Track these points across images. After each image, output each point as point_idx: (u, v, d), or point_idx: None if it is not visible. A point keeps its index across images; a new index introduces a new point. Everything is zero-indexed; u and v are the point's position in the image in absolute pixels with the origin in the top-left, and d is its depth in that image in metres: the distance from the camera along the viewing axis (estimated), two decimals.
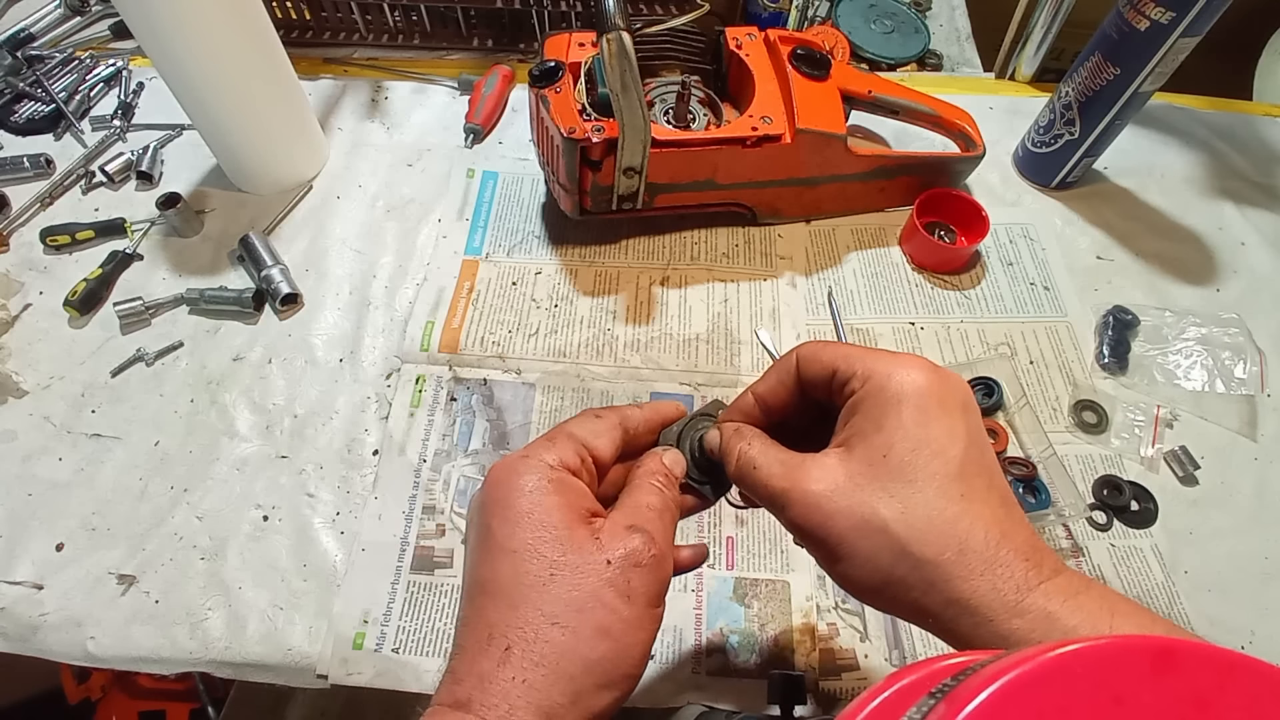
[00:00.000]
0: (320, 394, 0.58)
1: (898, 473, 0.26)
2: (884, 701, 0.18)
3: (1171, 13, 0.56)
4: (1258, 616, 0.50)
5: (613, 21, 0.46)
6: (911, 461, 0.26)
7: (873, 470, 0.26)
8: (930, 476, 0.25)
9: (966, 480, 0.25)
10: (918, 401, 0.26)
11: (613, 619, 0.27)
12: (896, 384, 0.26)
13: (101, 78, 0.78)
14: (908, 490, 0.25)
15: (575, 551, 0.28)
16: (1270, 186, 0.74)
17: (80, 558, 0.51)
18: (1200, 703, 0.15)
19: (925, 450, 0.26)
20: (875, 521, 0.25)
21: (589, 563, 0.28)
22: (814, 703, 0.46)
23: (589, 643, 0.27)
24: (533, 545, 0.28)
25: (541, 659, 0.26)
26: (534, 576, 0.27)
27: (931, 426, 0.26)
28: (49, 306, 0.62)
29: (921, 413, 0.26)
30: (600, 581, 0.27)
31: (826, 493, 0.26)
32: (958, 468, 0.25)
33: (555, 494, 0.29)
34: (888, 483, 0.26)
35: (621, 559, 0.28)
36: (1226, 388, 0.58)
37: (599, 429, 0.32)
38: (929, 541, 0.25)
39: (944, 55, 0.86)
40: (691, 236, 0.68)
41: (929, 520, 0.25)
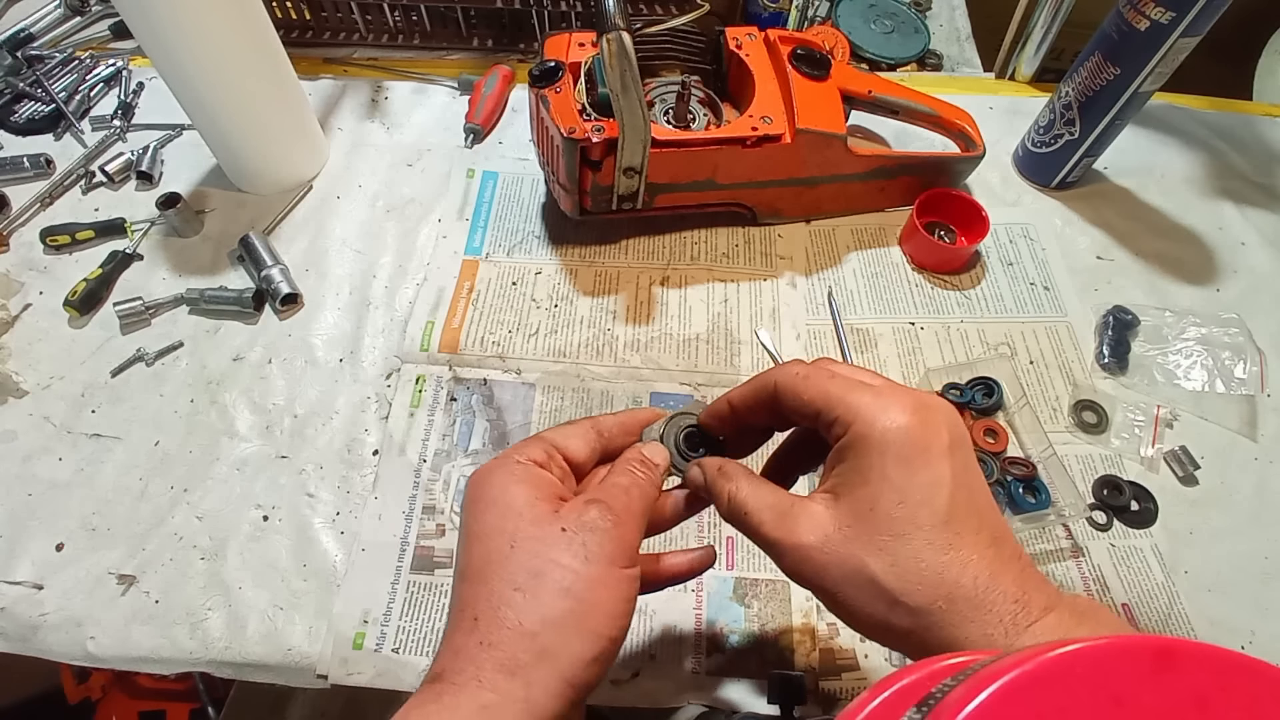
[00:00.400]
0: (320, 394, 0.58)
1: (884, 526, 0.26)
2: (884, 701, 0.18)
3: (1171, 13, 0.56)
4: (1258, 616, 0.50)
5: (613, 21, 0.46)
6: (898, 515, 0.26)
7: (860, 523, 0.27)
8: (917, 528, 0.26)
9: (954, 527, 0.26)
10: (900, 451, 0.26)
11: (572, 578, 0.28)
12: (879, 433, 0.27)
13: (101, 78, 0.78)
14: (895, 543, 0.26)
15: (534, 525, 0.29)
16: (1270, 186, 0.74)
17: (80, 558, 0.51)
18: (1200, 703, 0.15)
19: (911, 502, 0.26)
20: (865, 574, 0.26)
21: (547, 533, 0.29)
22: (814, 703, 0.46)
23: (550, 602, 0.27)
24: (497, 525, 0.29)
25: (503, 621, 0.27)
26: (498, 552, 0.29)
27: (916, 476, 0.26)
28: (49, 306, 0.62)
29: (905, 463, 0.26)
30: (557, 547, 0.28)
31: (818, 545, 0.27)
32: (944, 517, 0.26)
33: (519, 483, 0.30)
34: (875, 536, 0.26)
35: (576, 524, 0.29)
36: (1226, 388, 0.58)
37: (569, 431, 0.34)
38: (919, 592, 0.26)
39: (944, 55, 0.86)
40: (691, 236, 0.68)
41: (918, 572, 0.26)
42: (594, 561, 0.28)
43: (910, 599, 0.26)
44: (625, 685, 0.47)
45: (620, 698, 0.46)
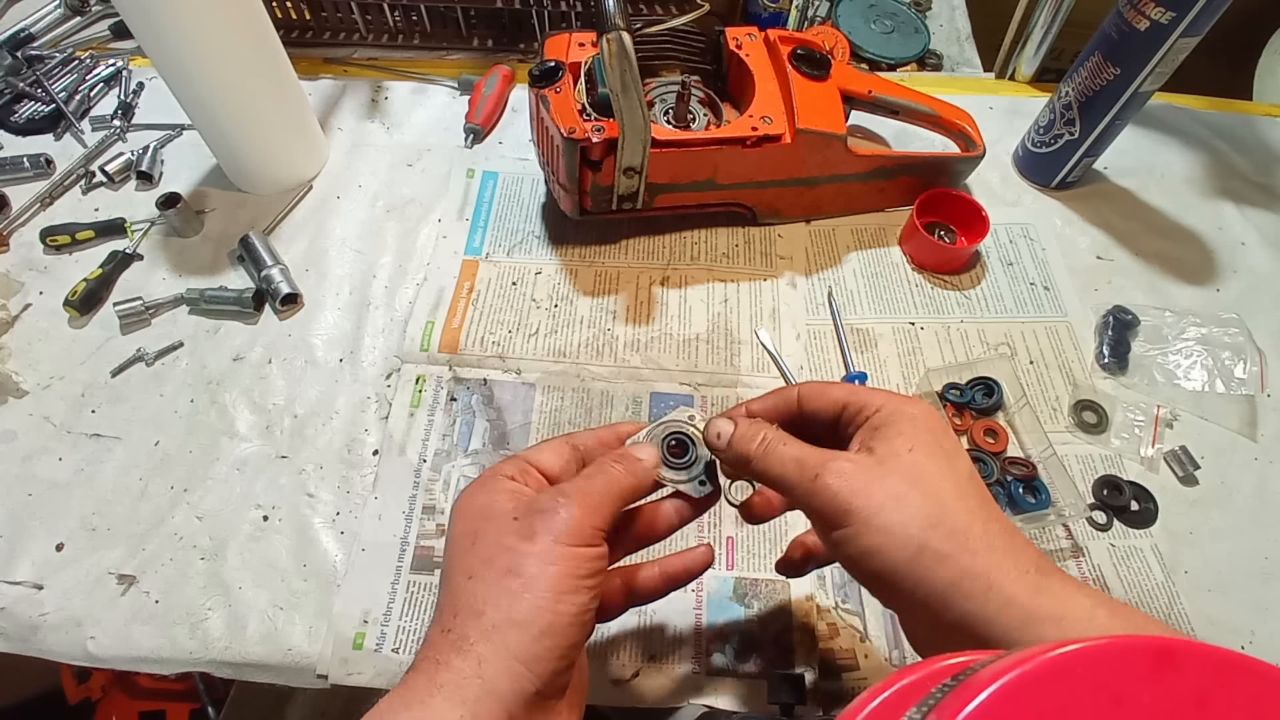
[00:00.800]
0: (320, 394, 0.58)
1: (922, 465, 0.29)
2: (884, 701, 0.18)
3: (1171, 13, 0.56)
4: (1258, 616, 0.50)
5: (613, 21, 0.47)
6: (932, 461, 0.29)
7: (900, 461, 0.29)
8: (947, 475, 0.29)
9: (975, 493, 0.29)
10: (930, 425, 0.30)
11: (517, 558, 0.29)
12: (911, 412, 0.31)
13: (101, 78, 0.78)
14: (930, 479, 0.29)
15: (491, 520, 0.31)
16: (1270, 186, 0.74)
17: (80, 558, 0.51)
18: (1200, 703, 0.15)
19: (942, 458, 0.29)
20: (909, 493, 0.28)
21: (500, 525, 0.30)
22: (814, 703, 0.46)
23: (495, 580, 0.29)
24: (464, 529, 0.31)
25: (457, 607, 0.29)
26: (460, 551, 0.30)
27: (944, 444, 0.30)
28: (49, 306, 0.62)
29: (934, 434, 0.30)
30: (507, 533, 0.30)
31: (861, 469, 0.29)
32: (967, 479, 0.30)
33: (487, 493, 0.32)
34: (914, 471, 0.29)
35: (525, 510, 0.31)
36: (1226, 388, 0.58)
37: (542, 447, 0.35)
38: (957, 515, 0.28)
39: (944, 55, 0.86)
40: (691, 236, 0.68)
41: (955, 500, 0.28)
42: (539, 540, 0.29)
43: (950, 520, 0.28)
44: (625, 685, 0.47)
45: (620, 698, 0.46)
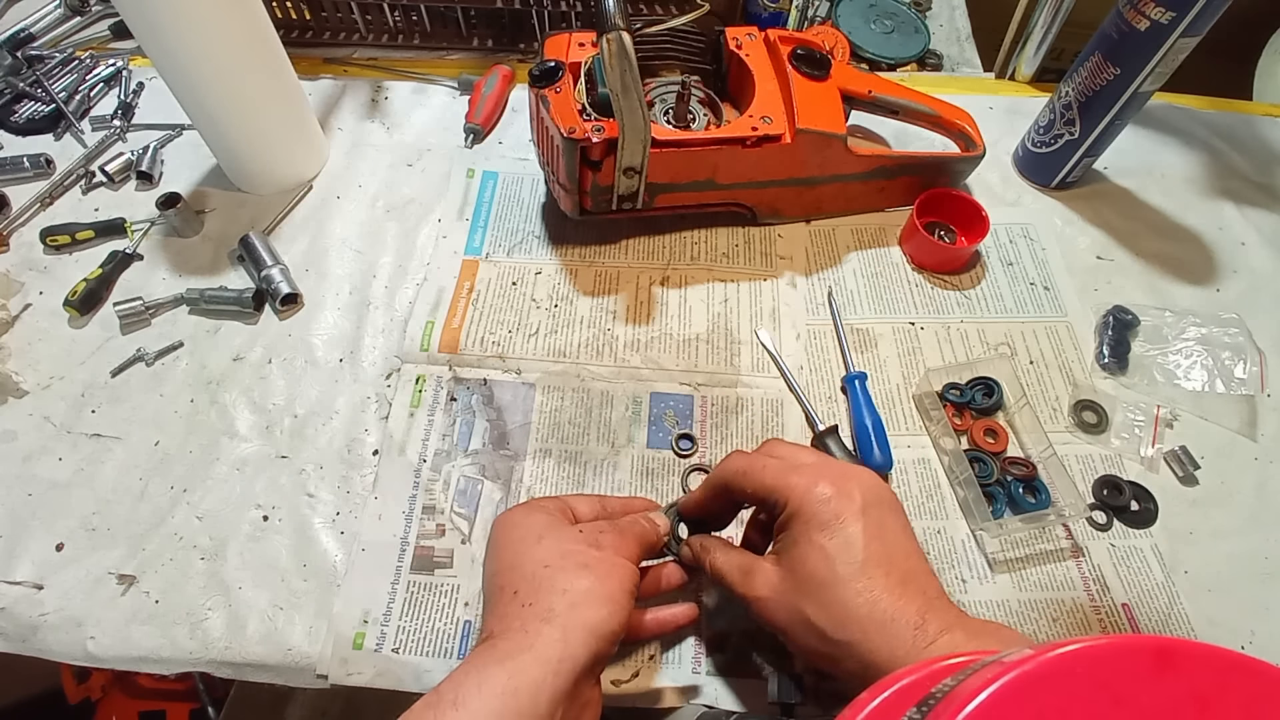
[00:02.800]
0: (320, 394, 0.58)
1: (814, 579, 0.35)
2: (884, 701, 0.18)
3: (1171, 13, 0.56)
4: (1258, 617, 0.50)
5: (613, 21, 0.46)
6: (822, 570, 0.35)
7: (796, 578, 0.36)
8: (837, 579, 0.34)
9: (867, 572, 0.34)
10: (821, 520, 0.35)
11: (589, 557, 0.37)
12: (806, 508, 0.36)
13: (101, 78, 0.78)
14: (822, 592, 0.35)
15: (556, 528, 0.39)
16: (1270, 186, 0.74)
17: (80, 558, 0.51)
18: (1200, 703, 0.15)
19: (833, 561, 0.35)
20: (802, 616, 0.35)
21: (567, 532, 0.39)
22: (814, 703, 0.46)
23: (574, 571, 0.36)
24: (523, 534, 0.39)
25: (537, 588, 0.36)
26: (528, 545, 0.38)
27: (835, 538, 0.35)
28: (49, 306, 0.62)
29: (825, 529, 0.35)
30: (575, 540, 0.38)
31: (770, 598, 0.37)
32: (859, 568, 0.34)
33: (540, 513, 0.40)
34: (808, 587, 0.35)
35: (589, 529, 0.39)
36: (1226, 388, 0.58)
37: (579, 497, 0.44)
38: (842, 628, 0.34)
39: (944, 55, 0.86)
40: (691, 236, 0.68)
41: (841, 612, 0.34)
42: (604, 549, 0.38)
43: (835, 634, 0.34)
44: (625, 685, 0.47)
45: (620, 698, 0.46)
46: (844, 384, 0.59)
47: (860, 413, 0.56)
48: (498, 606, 0.36)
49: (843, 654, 0.34)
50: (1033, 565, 0.52)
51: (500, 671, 0.33)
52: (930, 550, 0.52)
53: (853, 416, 0.57)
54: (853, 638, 0.33)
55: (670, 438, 0.56)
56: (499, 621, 0.35)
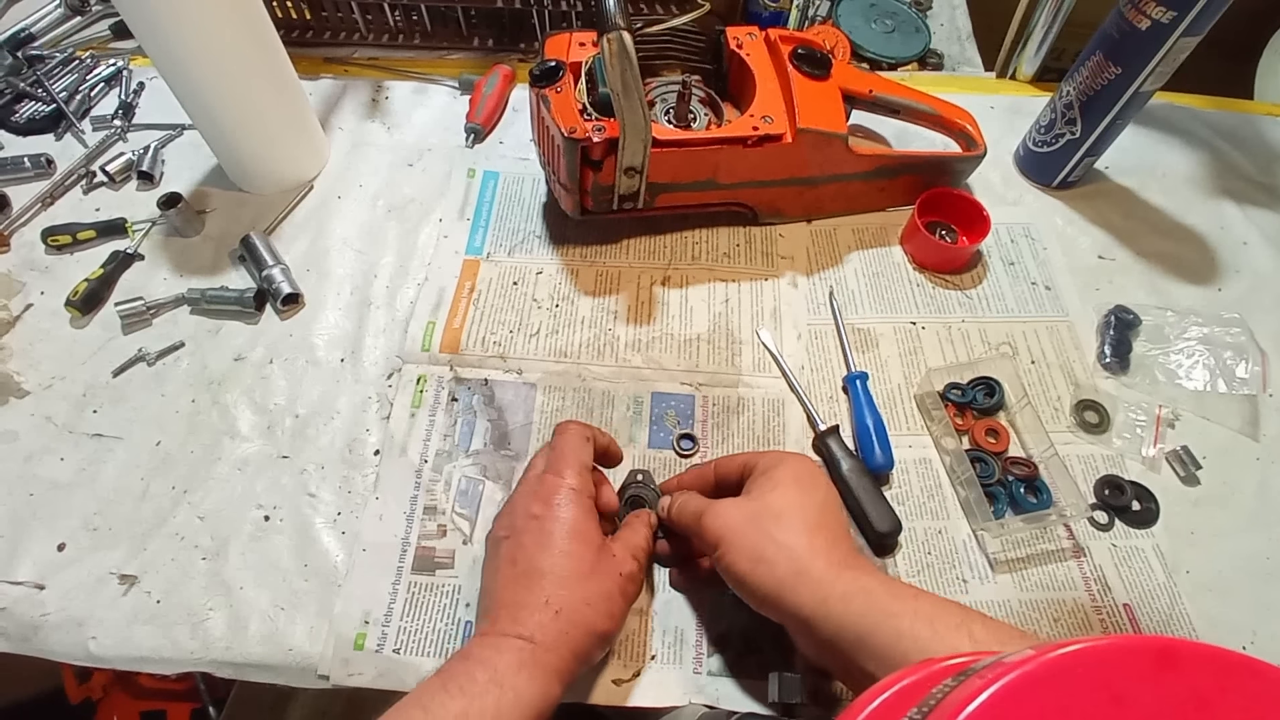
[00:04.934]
0: (321, 394, 0.58)
1: (773, 516, 0.42)
2: (884, 702, 0.18)
3: (1173, 12, 0.56)
4: (1259, 617, 0.50)
5: (613, 21, 0.46)
6: (784, 511, 0.42)
7: (758, 510, 0.43)
8: (792, 522, 0.42)
9: (812, 531, 0.41)
10: (793, 479, 0.44)
11: (618, 609, 0.43)
12: (782, 468, 0.44)
13: (102, 78, 0.78)
14: (774, 526, 0.42)
15: (604, 561, 0.43)
16: (1272, 186, 0.74)
17: (82, 558, 0.51)
18: (1200, 703, 0.15)
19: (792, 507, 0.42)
20: (749, 541, 0.41)
21: (610, 571, 0.43)
22: (814, 703, 0.46)
23: (603, 620, 0.42)
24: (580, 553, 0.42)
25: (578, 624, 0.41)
26: (579, 574, 0.42)
27: (797, 494, 0.43)
28: (50, 306, 0.62)
29: (798, 484, 0.43)
30: (615, 584, 0.43)
31: (732, 506, 0.44)
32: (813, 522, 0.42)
33: (590, 519, 0.44)
34: (766, 520, 0.42)
35: (627, 574, 0.44)
36: (1228, 387, 0.58)
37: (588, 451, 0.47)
38: (790, 535, 0.41)
39: (945, 55, 0.86)
40: (692, 236, 0.68)
41: (780, 547, 0.41)
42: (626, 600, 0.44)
43: (769, 563, 0.40)
44: (625, 685, 0.47)
45: (620, 698, 0.46)
46: (845, 384, 0.59)
47: (861, 413, 0.56)
48: (539, 615, 0.40)
49: (777, 554, 0.41)
50: (1034, 565, 0.51)
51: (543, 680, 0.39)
52: (931, 550, 0.52)
53: (854, 416, 0.57)
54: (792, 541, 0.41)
55: (672, 438, 0.56)
56: (540, 631, 0.40)
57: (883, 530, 0.51)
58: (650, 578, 0.50)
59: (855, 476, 0.53)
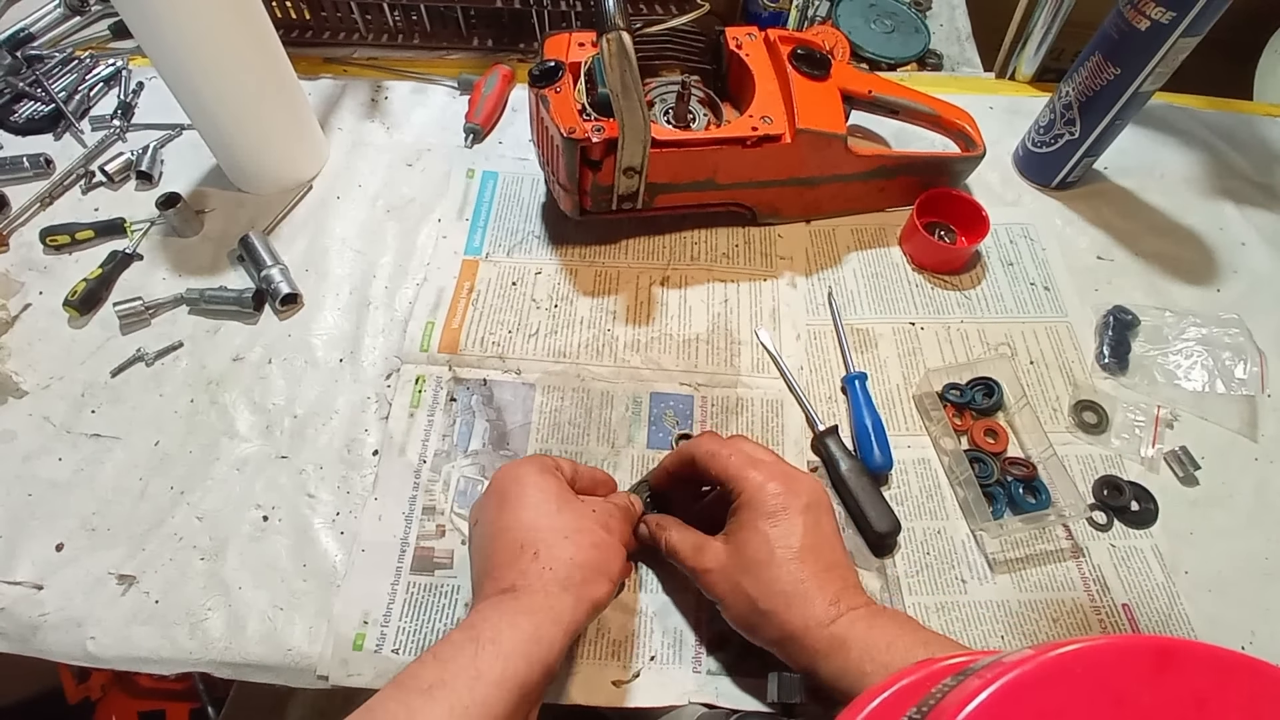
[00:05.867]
0: (320, 394, 0.58)
1: (755, 559, 0.42)
2: (884, 701, 0.18)
3: (1172, 13, 0.56)
4: (1258, 617, 0.50)
5: (613, 21, 0.46)
6: (763, 552, 0.41)
7: (741, 556, 0.42)
8: (774, 561, 0.41)
9: (800, 559, 0.41)
10: (769, 511, 0.42)
11: (600, 537, 0.43)
12: (758, 500, 0.43)
13: (101, 77, 0.78)
14: (759, 569, 0.41)
15: (571, 501, 0.44)
16: (1270, 186, 0.74)
17: (80, 558, 0.51)
18: (1200, 703, 0.15)
19: (773, 545, 0.41)
20: (739, 588, 0.42)
21: (582, 509, 0.43)
22: (814, 702, 0.46)
23: (587, 550, 0.41)
24: (542, 498, 0.43)
25: (558, 557, 0.41)
26: (548, 511, 0.42)
27: (777, 528, 0.42)
28: (49, 306, 0.62)
29: (770, 519, 0.42)
30: (591, 518, 0.43)
31: (715, 570, 0.43)
32: (794, 554, 0.41)
33: (550, 475, 0.45)
34: (749, 564, 0.42)
35: (601, 509, 0.45)
36: (1227, 388, 0.58)
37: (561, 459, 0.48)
38: (769, 600, 0.41)
39: (944, 55, 0.86)
40: (691, 236, 0.68)
41: (772, 588, 0.41)
42: (613, 533, 0.44)
43: (763, 604, 0.41)
44: (625, 685, 0.47)
45: (620, 697, 0.46)
46: (844, 384, 0.59)
47: (860, 413, 0.56)
48: (519, 562, 0.41)
49: (765, 622, 0.41)
50: (1033, 565, 0.51)
51: (527, 622, 0.38)
52: (930, 550, 0.52)
53: (853, 417, 0.57)
54: (776, 608, 0.40)
55: (670, 438, 0.56)
56: (520, 577, 0.40)
57: (882, 530, 0.51)
58: (649, 577, 0.50)
59: (854, 477, 0.53)
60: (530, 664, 0.37)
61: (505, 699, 0.35)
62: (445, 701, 0.34)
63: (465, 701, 0.35)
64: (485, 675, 0.36)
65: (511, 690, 0.36)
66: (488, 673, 0.36)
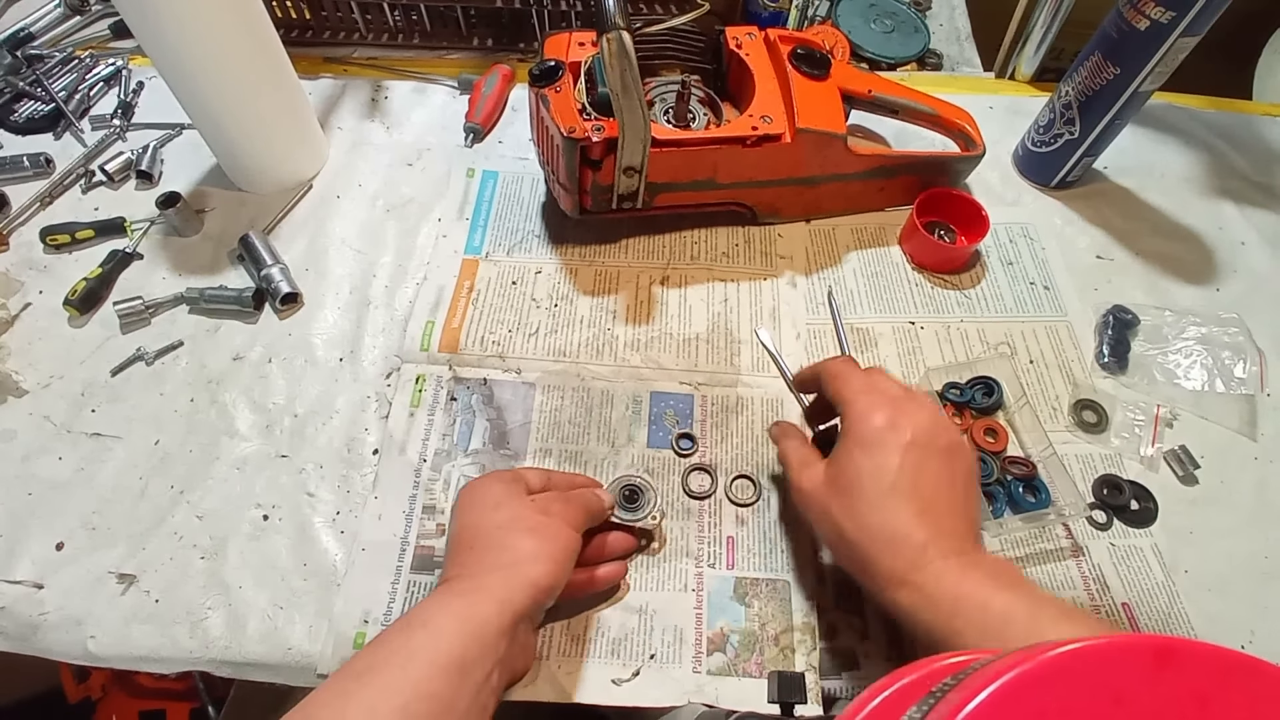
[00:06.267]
0: (320, 393, 0.58)
1: (846, 488, 0.41)
2: (884, 701, 0.18)
3: (1171, 12, 0.56)
4: (1258, 616, 0.50)
5: (613, 21, 0.46)
6: (855, 484, 0.41)
7: (835, 483, 0.42)
8: (864, 493, 0.40)
9: (892, 495, 0.40)
10: (866, 443, 0.41)
11: (537, 522, 0.43)
12: (858, 429, 0.42)
13: (101, 77, 0.78)
14: (848, 499, 0.41)
15: (512, 496, 0.45)
16: (1270, 186, 0.74)
17: (80, 557, 0.51)
18: (1200, 702, 0.15)
19: (864, 478, 0.40)
20: (830, 513, 0.42)
21: (522, 502, 0.44)
22: (814, 702, 0.46)
23: (521, 534, 0.42)
24: (483, 499, 0.45)
25: (490, 545, 0.42)
26: (485, 512, 0.44)
27: (872, 460, 0.41)
28: (49, 306, 0.62)
29: (866, 451, 0.41)
30: (527, 507, 0.44)
31: (812, 490, 0.43)
32: (885, 491, 0.40)
33: (498, 482, 0.46)
34: (839, 492, 0.41)
35: (542, 499, 0.45)
36: (1226, 387, 0.58)
37: (529, 470, 0.48)
38: (857, 531, 0.40)
39: (944, 55, 0.86)
40: (691, 236, 0.68)
41: (860, 521, 0.40)
42: (552, 516, 0.44)
43: (850, 535, 0.40)
44: (625, 685, 0.47)
45: (620, 697, 0.46)
46: None
47: None
48: (458, 556, 0.43)
49: (851, 552, 0.40)
50: (1033, 565, 0.52)
51: (459, 602, 0.39)
52: None
53: None
54: (861, 541, 0.40)
55: (670, 437, 0.56)
56: (458, 568, 0.42)
57: None
58: (649, 576, 0.51)
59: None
60: (464, 641, 0.37)
61: (441, 677, 0.36)
62: (376, 683, 0.35)
63: (398, 682, 0.35)
64: (417, 655, 0.36)
65: (446, 669, 0.36)
66: (420, 652, 0.36)
